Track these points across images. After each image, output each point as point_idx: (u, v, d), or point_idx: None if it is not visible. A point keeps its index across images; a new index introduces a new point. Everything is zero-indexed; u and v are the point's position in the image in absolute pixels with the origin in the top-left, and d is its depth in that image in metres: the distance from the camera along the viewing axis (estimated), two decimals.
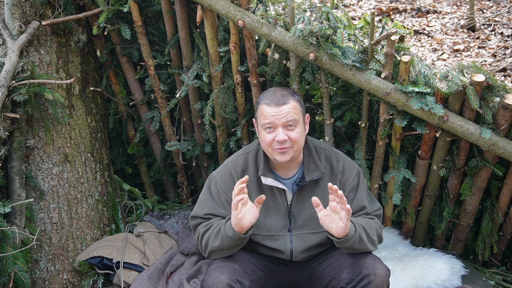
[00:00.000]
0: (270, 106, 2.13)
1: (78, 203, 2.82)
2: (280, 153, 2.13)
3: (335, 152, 2.33)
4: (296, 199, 2.25)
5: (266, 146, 2.17)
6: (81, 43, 2.78)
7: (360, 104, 2.64)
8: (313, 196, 2.12)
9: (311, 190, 2.25)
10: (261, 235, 2.27)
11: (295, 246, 2.25)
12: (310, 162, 2.24)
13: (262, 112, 2.15)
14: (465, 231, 2.83)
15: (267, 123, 2.13)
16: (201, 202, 2.31)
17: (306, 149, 2.26)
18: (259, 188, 2.26)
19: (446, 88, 2.23)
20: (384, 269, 2.06)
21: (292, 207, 2.25)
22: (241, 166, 2.28)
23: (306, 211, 2.24)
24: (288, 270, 2.34)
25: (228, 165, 2.32)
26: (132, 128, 3.25)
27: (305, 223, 2.24)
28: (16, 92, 2.45)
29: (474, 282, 2.60)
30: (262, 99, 2.19)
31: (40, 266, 2.70)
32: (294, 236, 2.25)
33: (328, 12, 2.36)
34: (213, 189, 2.29)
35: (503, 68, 4.91)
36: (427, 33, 5.85)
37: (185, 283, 2.54)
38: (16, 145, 2.53)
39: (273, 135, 2.12)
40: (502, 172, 2.49)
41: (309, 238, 2.25)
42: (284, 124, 2.12)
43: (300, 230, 2.25)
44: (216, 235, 2.14)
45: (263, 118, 2.15)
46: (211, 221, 2.23)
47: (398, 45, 2.34)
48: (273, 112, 2.11)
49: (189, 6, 2.73)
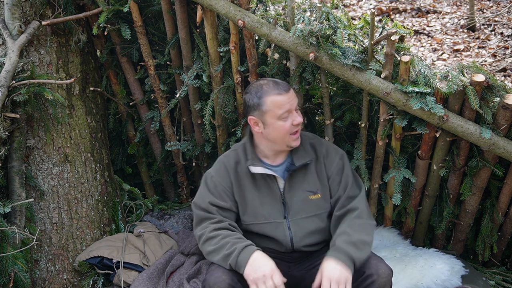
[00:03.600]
0: (282, 94, 2.17)
1: (78, 203, 2.82)
2: (296, 138, 2.23)
3: (318, 138, 2.41)
4: (288, 186, 2.29)
5: (285, 134, 2.20)
6: (81, 43, 2.78)
7: (360, 104, 2.64)
8: (302, 182, 2.26)
9: (302, 176, 2.30)
10: (260, 224, 2.30)
11: (294, 232, 2.28)
12: (299, 148, 2.30)
13: (277, 103, 2.16)
14: (465, 231, 2.83)
15: (285, 111, 2.17)
16: (200, 194, 2.32)
17: None
18: (253, 179, 2.30)
19: (446, 88, 2.23)
20: (387, 269, 2.07)
21: (285, 193, 2.29)
22: (234, 159, 2.33)
23: (298, 197, 2.28)
24: (290, 268, 2.35)
25: (220, 160, 2.38)
26: (132, 128, 3.25)
27: (299, 208, 2.29)
28: (16, 92, 2.45)
29: (474, 282, 2.60)
30: (267, 92, 2.18)
31: (40, 266, 2.70)
32: (291, 222, 2.28)
33: (328, 12, 2.36)
34: (209, 183, 2.32)
35: (503, 68, 4.91)
36: (427, 33, 5.85)
37: (185, 283, 2.54)
38: (16, 145, 2.53)
39: (289, 122, 2.18)
40: (502, 172, 2.49)
41: (306, 223, 2.28)
42: (296, 108, 2.22)
43: (295, 216, 2.29)
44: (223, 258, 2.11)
45: (279, 109, 2.16)
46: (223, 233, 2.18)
47: (398, 45, 2.34)
48: (286, 98, 2.17)
49: (189, 6, 2.73)
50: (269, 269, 2.01)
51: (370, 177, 2.80)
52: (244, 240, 2.14)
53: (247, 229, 2.33)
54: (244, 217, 2.32)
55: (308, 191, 2.29)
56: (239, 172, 2.31)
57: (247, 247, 2.09)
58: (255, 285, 1.99)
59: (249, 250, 2.07)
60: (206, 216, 2.26)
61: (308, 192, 2.29)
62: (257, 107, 2.19)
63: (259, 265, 2.01)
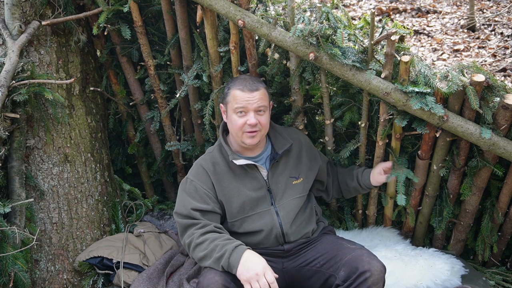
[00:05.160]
0: (244, 91, 2.27)
1: (78, 203, 2.82)
2: (250, 137, 2.30)
3: (285, 127, 2.62)
4: (271, 173, 2.39)
5: (237, 129, 2.30)
6: (81, 43, 2.78)
7: (360, 104, 2.64)
8: (285, 169, 2.40)
9: (284, 162, 2.43)
10: (248, 216, 2.35)
11: (282, 216, 2.36)
12: (277, 136, 2.45)
13: (235, 97, 2.28)
14: (465, 231, 2.83)
15: (240, 107, 2.27)
16: (181, 202, 2.34)
17: (271, 128, 2.48)
18: (234, 175, 2.36)
19: (446, 88, 2.23)
20: (380, 266, 2.10)
21: (269, 181, 2.38)
22: (211, 160, 2.40)
23: (282, 182, 2.40)
24: (284, 264, 2.36)
25: (197, 163, 2.44)
26: (132, 128, 3.25)
27: (284, 192, 2.39)
28: (16, 92, 2.45)
29: (474, 282, 2.60)
30: (234, 85, 2.31)
31: (40, 266, 2.70)
32: (279, 207, 2.37)
33: (328, 12, 2.36)
34: (188, 188, 2.35)
35: (503, 68, 4.91)
36: (427, 33, 5.85)
37: (185, 283, 2.53)
38: (16, 145, 2.53)
39: (244, 119, 2.28)
40: (502, 172, 2.49)
41: (291, 204, 2.38)
42: (256, 109, 2.28)
43: (281, 201, 2.38)
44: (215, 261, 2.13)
45: (235, 103, 2.28)
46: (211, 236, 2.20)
47: (398, 45, 2.34)
48: (246, 97, 2.26)
49: (189, 6, 2.73)
50: (261, 267, 2.05)
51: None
52: (234, 240, 2.17)
53: (235, 228, 2.36)
54: (231, 214, 2.35)
55: (291, 177, 2.42)
56: (219, 172, 2.36)
57: (237, 247, 2.11)
58: (248, 284, 2.04)
59: (240, 250, 2.10)
60: (190, 223, 2.27)
61: (292, 178, 2.42)
62: (225, 96, 2.35)
63: (251, 264, 2.05)
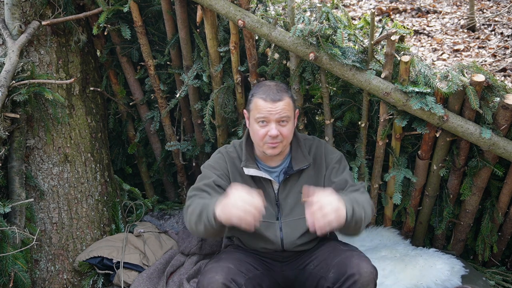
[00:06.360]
0: (266, 101, 2.15)
1: (78, 203, 2.82)
2: (271, 147, 2.19)
3: (318, 139, 2.39)
4: (282, 188, 2.29)
5: (258, 139, 2.20)
6: (81, 43, 2.78)
7: (360, 104, 2.64)
8: (297, 186, 2.24)
9: (296, 179, 2.30)
10: None
11: (285, 233, 2.28)
12: (298, 152, 2.30)
13: (257, 106, 2.17)
14: (465, 231, 2.83)
15: (261, 117, 2.16)
16: (200, 179, 2.27)
17: (295, 140, 2.31)
18: (247, 177, 2.28)
19: (446, 88, 2.23)
20: (370, 268, 2.04)
21: (279, 195, 2.29)
22: (232, 153, 2.33)
23: (292, 198, 2.29)
24: (282, 268, 2.35)
25: (220, 151, 2.37)
26: (132, 128, 3.25)
27: (292, 210, 2.28)
28: (16, 92, 2.45)
29: (474, 282, 2.60)
30: (257, 93, 2.20)
31: (40, 266, 2.70)
32: (283, 224, 2.28)
33: (328, 12, 2.36)
34: (208, 168, 2.28)
35: (503, 68, 4.91)
36: (427, 33, 5.85)
37: (185, 283, 2.54)
38: (16, 145, 2.53)
39: (265, 129, 2.16)
40: (502, 172, 2.49)
41: (298, 224, 2.28)
42: (278, 120, 2.15)
43: (287, 217, 2.28)
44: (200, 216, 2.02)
45: (257, 112, 2.17)
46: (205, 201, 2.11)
47: (398, 45, 2.34)
48: (268, 107, 2.14)
49: (189, 6, 2.73)
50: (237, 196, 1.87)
51: (370, 177, 2.80)
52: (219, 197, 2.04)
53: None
54: None
55: (302, 194, 2.26)
56: (236, 167, 2.30)
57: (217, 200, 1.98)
58: (234, 219, 1.87)
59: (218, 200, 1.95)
60: (197, 193, 2.19)
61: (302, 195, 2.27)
62: (248, 103, 2.25)
63: (227, 201, 1.89)
